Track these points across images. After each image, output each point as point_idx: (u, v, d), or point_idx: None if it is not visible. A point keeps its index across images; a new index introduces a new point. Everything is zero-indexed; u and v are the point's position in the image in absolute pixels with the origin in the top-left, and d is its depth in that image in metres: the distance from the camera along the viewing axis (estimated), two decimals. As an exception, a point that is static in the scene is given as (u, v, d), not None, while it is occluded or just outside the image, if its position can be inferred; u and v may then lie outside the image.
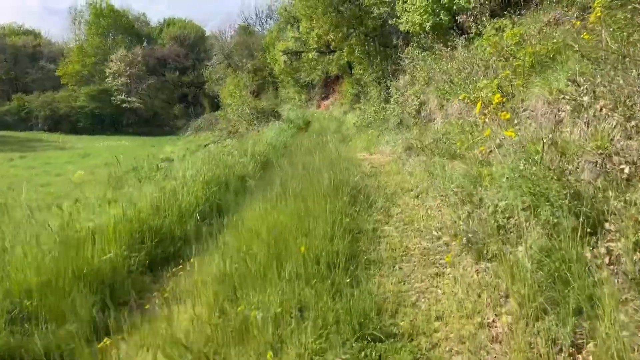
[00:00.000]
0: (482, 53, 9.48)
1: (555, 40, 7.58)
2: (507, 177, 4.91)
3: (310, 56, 24.22)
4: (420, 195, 6.83)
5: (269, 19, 53.88)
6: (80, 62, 52.21)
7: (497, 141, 6.42)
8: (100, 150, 35.96)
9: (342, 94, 31.39)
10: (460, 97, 7.79)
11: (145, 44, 54.83)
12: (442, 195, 6.16)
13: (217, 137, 17.17)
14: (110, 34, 54.76)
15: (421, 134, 10.27)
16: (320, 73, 32.67)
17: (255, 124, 19.86)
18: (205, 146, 13.14)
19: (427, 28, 13.88)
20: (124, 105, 50.58)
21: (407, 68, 15.68)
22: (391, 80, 16.84)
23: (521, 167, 4.94)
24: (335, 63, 25.51)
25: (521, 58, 7.33)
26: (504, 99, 5.78)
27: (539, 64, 7.46)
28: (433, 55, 13.33)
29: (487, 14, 11.03)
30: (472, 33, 10.68)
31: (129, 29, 55.90)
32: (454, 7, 13.53)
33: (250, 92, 21.90)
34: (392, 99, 15.73)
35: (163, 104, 52.47)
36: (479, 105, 5.88)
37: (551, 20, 9.08)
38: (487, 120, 6.59)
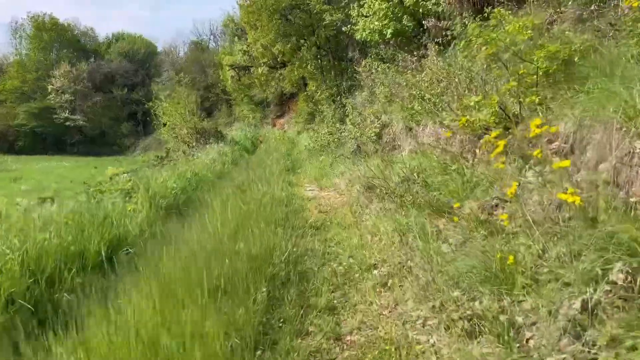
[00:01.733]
0: (465, 59, 6.88)
1: (584, 37, 5.02)
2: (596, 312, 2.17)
3: (259, 71, 21.33)
4: (391, 283, 4.01)
5: (224, 35, 50.81)
6: (20, 77, 47.50)
7: (526, 195, 3.73)
8: (35, 172, 31.85)
9: (297, 112, 28.68)
10: (459, 123, 5.06)
11: (92, 59, 50.62)
12: (430, 301, 3.34)
13: (140, 165, 14.02)
14: (54, 49, 50.30)
15: (385, 167, 7.53)
16: (273, 90, 29.96)
17: (193, 147, 16.77)
18: (110, 179, 9.96)
19: (388, 35, 11.32)
20: (67, 123, 46.17)
21: (364, 83, 13.08)
22: (347, 98, 14.18)
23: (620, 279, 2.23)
24: (288, 79, 22.77)
25: (537, 62, 4.69)
26: (546, 128, 3.05)
27: (560, 72, 4.85)
28: (396, 67, 10.76)
29: (462, 15, 8.49)
30: (447, 36, 8.10)
31: (74, 44, 51.48)
32: (420, 11, 11.03)
33: (190, 111, 18.79)
34: (347, 119, 13.08)
35: (110, 122, 48.25)
36: (501, 143, 3.16)
37: (544, 21, 6.59)
38: (499, 161, 3.87)
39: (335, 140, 13.46)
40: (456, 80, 7.00)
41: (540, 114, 4.52)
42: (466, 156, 5.85)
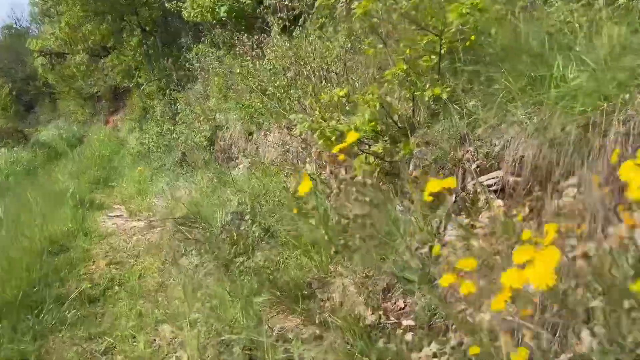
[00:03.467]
0: (321, 39, 4.80)
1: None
2: None
3: (78, 59, 17.17)
4: None
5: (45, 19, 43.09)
6: None
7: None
8: None
9: (132, 108, 24.75)
10: (300, 127, 2.87)
11: None
12: None
13: None
14: None
15: (213, 191, 5.14)
16: (102, 82, 25.42)
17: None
18: None
19: (222, 14, 8.88)
20: None
21: (198, 74, 10.46)
22: (179, 92, 11.40)
23: None
24: (117, 69, 18.88)
25: (445, 28, 2.71)
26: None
27: (473, 49, 2.94)
28: (234, 54, 8.38)
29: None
30: (295, 10, 5.94)
31: None
32: (261, -14, 8.78)
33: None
34: (178, 118, 10.41)
35: None
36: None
37: None
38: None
39: (165, 144, 10.63)
40: (308, 67, 4.87)
41: (456, 117, 2.53)
42: (327, 180, 3.72)
